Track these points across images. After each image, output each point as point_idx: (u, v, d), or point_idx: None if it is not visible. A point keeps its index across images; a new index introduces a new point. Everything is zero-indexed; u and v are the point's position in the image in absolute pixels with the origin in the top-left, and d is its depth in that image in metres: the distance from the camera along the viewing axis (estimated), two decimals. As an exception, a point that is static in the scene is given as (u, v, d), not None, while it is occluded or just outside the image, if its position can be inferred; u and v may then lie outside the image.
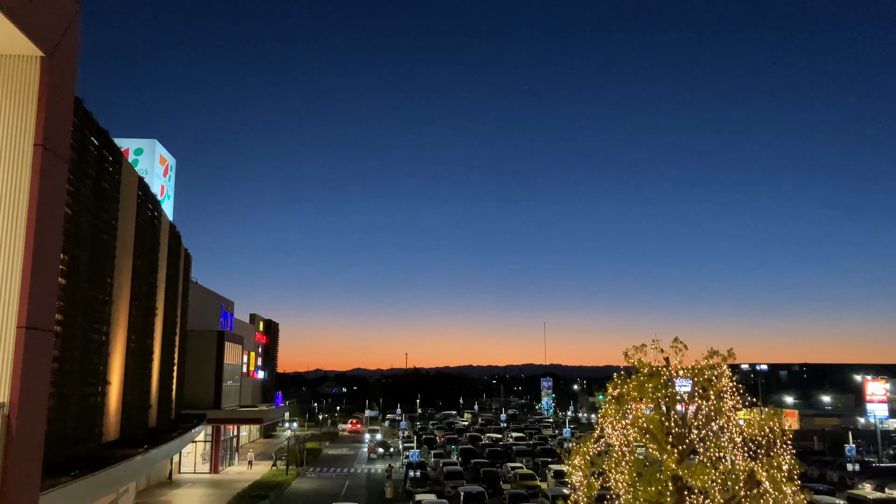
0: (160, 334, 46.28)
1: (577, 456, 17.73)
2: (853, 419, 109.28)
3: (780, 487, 15.52)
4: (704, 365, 17.46)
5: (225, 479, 58.24)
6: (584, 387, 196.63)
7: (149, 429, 41.86)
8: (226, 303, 77.13)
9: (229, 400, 68.60)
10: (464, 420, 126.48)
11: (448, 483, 51.59)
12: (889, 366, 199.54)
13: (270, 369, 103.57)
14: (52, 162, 7.51)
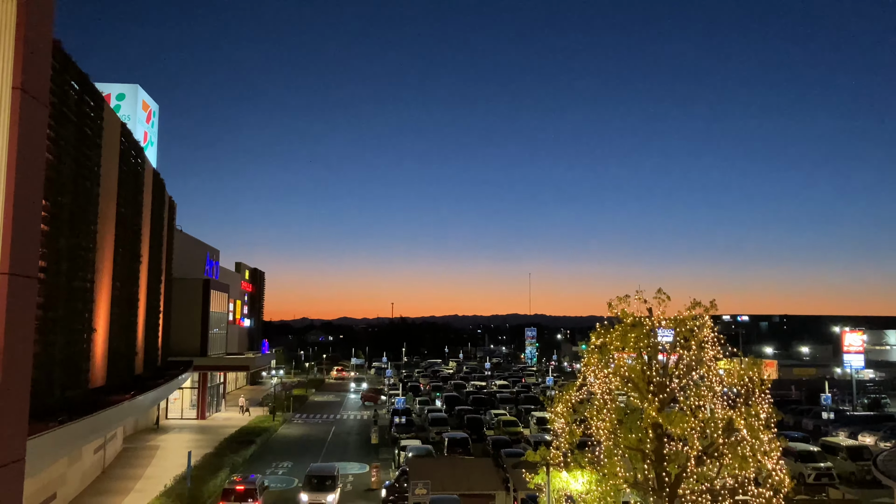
0: (145, 282, 46.18)
1: (559, 403, 18.03)
2: (830, 369, 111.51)
3: (757, 435, 15.88)
4: (687, 315, 17.68)
5: (212, 424, 58.89)
6: (568, 336, 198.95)
7: (135, 375, 42.10)
8: (211, 251, 76.86)
9: (215, 347, 68.91)
10: (449, 368, 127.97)
11: (433, 429, 52.44)
12: (867, 318, 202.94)
13: (256, 318, 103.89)
14: (32, 106, 7.34)
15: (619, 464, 16.62)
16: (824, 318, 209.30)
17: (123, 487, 36.94)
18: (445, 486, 27.39)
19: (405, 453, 40.76)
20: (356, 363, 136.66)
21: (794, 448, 40.10)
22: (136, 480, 38.56)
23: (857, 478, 39.79)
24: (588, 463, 17.20)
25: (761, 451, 15.83)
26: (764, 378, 16.99)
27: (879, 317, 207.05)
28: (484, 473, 29.01)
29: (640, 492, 17.27)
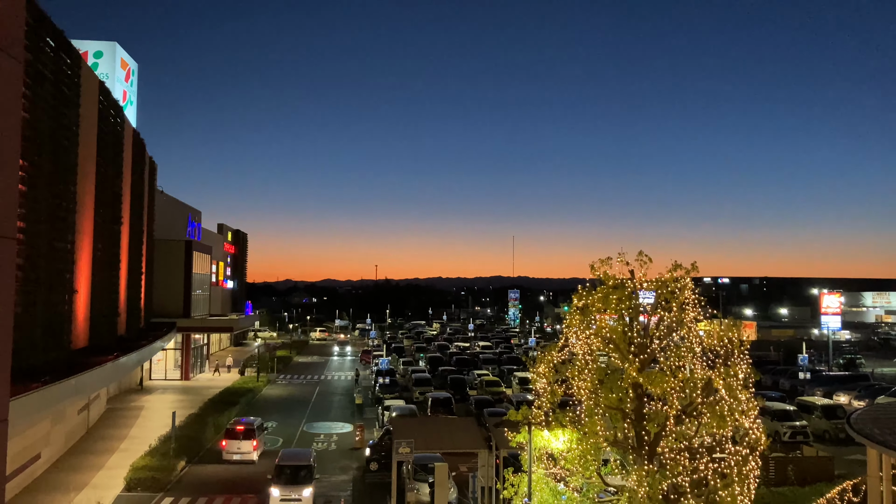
0: (127, 243, 45.84)
1: (541, 364, 18.21)
2: (808, 331, 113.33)
3: (735, 395, 16.15)
4: (668, 278, 17.81)
5: (196, 385, 59.09)
6: (551, 298, 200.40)
7: (118, 336, 42.02)
8: (193, 212, 76.27)
9: (198, 309, 68.79)
10: (432, 330, 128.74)
11: (416, 389, 52.94)
12: (845, 280, 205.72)
13: (239, 279, 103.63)
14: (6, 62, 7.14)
15: (600, 423, 16.88)
16: (803, 280, 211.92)
17: (108, 447, 37.12)
18: (429, 445, 27.75)
19: (389, 413, 41.19)
20: (340, 325, 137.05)
21: (771, 407, 40.91)
22: (120, 440, 38.74)
23: (831, 436, 40.73)
24: (569, 422, 17.46)
25: (739, 410, 16.12)
26: (743, 339, 17.23)
27: (857, 279, 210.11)
28: (467, 432, 29.39)
29: (620, 450, 17.59)
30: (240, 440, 34.56)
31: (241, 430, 34.82)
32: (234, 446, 34.58)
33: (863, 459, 26.74)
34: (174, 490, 30.04)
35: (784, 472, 30.56)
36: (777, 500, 26.32)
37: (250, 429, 34.92)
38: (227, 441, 34.92)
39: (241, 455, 34.48)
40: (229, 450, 34.69)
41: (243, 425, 35.15)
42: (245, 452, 34.47)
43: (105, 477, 31.65)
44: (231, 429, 35.15)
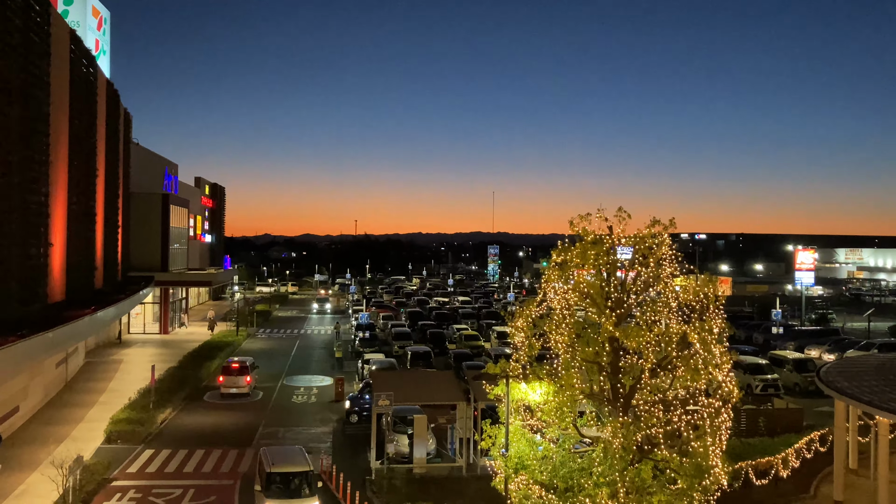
0: (102, 196, 45.25)
1: (519, 318, 18.36)
2: (782, 286, 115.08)
3: (710, 348, 16.43)
4: (646, 234, 17.91)
5: (175, 339, 59.06)
6: (530, 254, 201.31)
7: (95, 290, 41.76)
8: (169, 165, 75.21)
9: (176, 263, 68.33)
10: (412, 285, 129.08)
11: (396, 343, 53.29)
12: (819, 236, 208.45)
13: (218, 233, 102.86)
14: (-28, 9, 6.77)
15: (576, 376, 17.13)
16: (778, 236, 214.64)
17: (87, 400, 37.15)
18: (408, 398, 28.07)
19: (368, 366, 41.50)
20: (319, 279, 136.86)
21: (744, 361, 41.71)
22: (99, 394, 38.77)
23: (801, 388, 41.71)
24: (546, 375, 17.70)
25: (713, 363, 16.42)
26: (718, 295, 17.46)
27: (831, 235, 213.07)
28: (445, 385, 29.75)
29: (596, 402, 17.90)
30: (235, 376, 39.14)
31: (236, 368, 39.53)
32: (230, 381, 39.04)
33: (831, 411, 27.46)
34: (154, 442, 30.22)
35: (755, 423, 31.32)
36: (747, 451, 27.01)
37: (244, 366, 39.81)
38: (224, 377, 39.27)
39: (237, 389, 38.99)
40: (226, 385, 39.02)
41: (238, 363, 40.03)
42: (240, 386, 39.05)
43: (84, 429, 31.74)
44: (227, 366, 39.88)
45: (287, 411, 36.41)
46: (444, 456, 28.37)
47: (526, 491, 17.38)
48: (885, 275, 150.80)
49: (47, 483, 23.07)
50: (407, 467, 26.64)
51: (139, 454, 28.61)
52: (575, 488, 17.00)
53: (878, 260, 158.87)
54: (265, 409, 36.72)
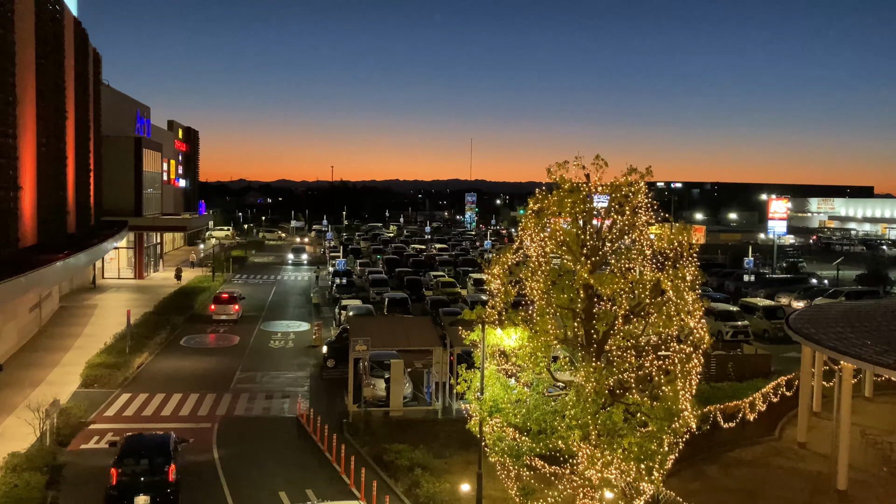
0: (73, 139, 44.36)
1: (496, 266, 18.45)
2: (755, 235, 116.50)
3: (682, 296, 16.65)
4: (622, 182, 17.93)
5: (150, 284, 58.74)
6: (507, 202, 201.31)
7: (68, 235, 41.25)
8: (141, 108, 73.65)
9: (150, 208, 67.52)
10: (389, 232, 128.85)
11: (373, 290, 53.46)
12: (792, 186, 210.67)
13: (192, 178, 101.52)
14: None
15: (551, 322, 17.33)
16: (753, 185, 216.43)
17: (62, 345, 37.04)
18: (385, 343, 28.33)
19: (346, 312, 41.68)
20: (296, 226, 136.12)
21: (715, 308, 42.45)
22: (75, 338, 38.65)
23: (770, 335, 42.66)
24: (521, 321, 17.90)
25: (685, 310, 16.66)
26: (692, 243, 17.63)
27: (805, 185, 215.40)
28: (422, 331, 30.04)
29: (570, 347, 18.18)
30: (225, 304, 44.77)
31: (226, 298, 45.42)
32: (220, 309, 44.55)
33: (798, 357, 28.18)
34: (131, 386, 30.32)
35: (724, 368, 32.08)
36: (716, 395, 27.72)
37: (233, 296, 45.84)
38: (215, 305, 44.87)
39: (226, 315, 44.38)
40: (217, 312, 44.37)
41: (227, 294, 46.24)
42: (229, 314, 44.46)
43: (60, 374, 31.73)
44: (218, 296, 45.91)
45: (264, 356, 36.61)
46: (421, 400, 28.81)
47: (500, 433, 17.75)
48: (856, 224, 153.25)
49: (24, 426, 23.14)
50: (384, 410, 27.05)
51: (116, 398, 28.72)
52: (548, 431, 17.38)
53: (850, 210, 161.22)
54: (242, 354, 36.88)
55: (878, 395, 30.40)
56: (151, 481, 19.12)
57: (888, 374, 20.25)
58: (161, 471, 19.37)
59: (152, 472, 19.31)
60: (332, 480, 21.41)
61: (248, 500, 19.94)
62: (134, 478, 19.11)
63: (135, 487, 18.88)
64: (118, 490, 18.85)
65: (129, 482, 19.00)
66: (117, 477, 18.98)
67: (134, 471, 19.24)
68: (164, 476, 19.29)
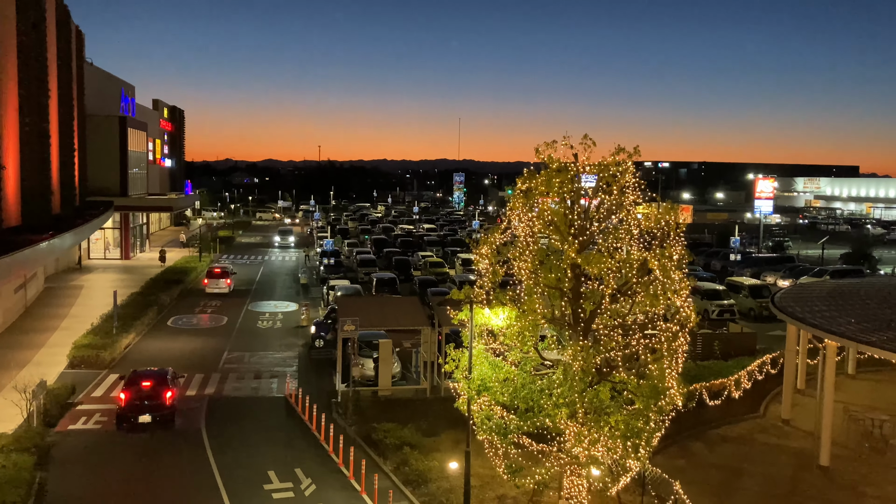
0: (56, 118, 43.87)
1: (484, 245, 18.46)
2: (741, 214, 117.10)
3: (669, 275, 16.74)
4: (610, 161, 17.93)
5: (137, 265, 58.43)
6: (495, 182, 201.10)
7: (53, 215, 40.91)
8: (126, 87, 72.83)
9: (136, 188, 67.01)
10: (377, 212, 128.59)
11: (361, 270, 53.44)
12: (779, 165, 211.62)
13: (178, 158, 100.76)
14: None
15: (539, 301, 17.39)
16: (740, 165, 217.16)
17: (48, 326, 36.85)
18: (373, 323, 28.36)
19: (334, 293, 41.64)
20: (283, 206, 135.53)
21: (702, 287, 42.74)
22: (61, 319, 38.45)
23: (756, 313, 43.01)
24: (509, 300, 17.95)
25: (671, 289, 16.75)
26: (679, 222, 17.68)
27: (792, 165, 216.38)
28: (410, 311, 30.07)
29: (557, 327, 18.26)
30: (217, 278, 46.86)
31: (218, 272, 47.55)
32: (213, 283, 46.64)
33: (783, 335, 28.44)
34: (119, 367, 30.23)
35: (710, 347, 32.34)
36: (702, 373, 27.98)
37: (225, 270, 48.08)
38: (208, 280, 47.02)
39: (218, 289, 46.43)
40: (210, 286, 46.53)
41: (219, 268, 48.44)
42: (221, 287, 46.58)
43: (47, 355, 31.59)
44: (210, 271, 48.18)
45: (252, 336, 36.59)
46: (409, 379, 28.92)
47: (488, 412, 17.86)
48: (841, 203, 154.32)
49: (11, 407, 23.08)
50: (372, 390, 27.14)
51: (103, 378, 28.65)
52: (535, 409, 17.51)
53: (835, 189, 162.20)
54: (230, 334, 36.84)
55: (860, 373, 30.79)
56: (153, 404, 23.25)
57: (871, 352, 20.50)
58: (161, 396, 23.44)
59: (154, 397, 23.35)
60: (321, 460, 21.52)
61: (238, 479, 20.00)
62: (139, 401, 23.21)
63: (140, 408, 23.13)
64: (126, 411, 23.12)
65: (135, 404, 23.15)
66: (126, 401, 23.16)
67: (139, 395, 23.29)
68: (163, 400, 23.41)
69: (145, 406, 23.16)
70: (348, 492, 19.42)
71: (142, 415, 22.99)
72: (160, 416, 23.17)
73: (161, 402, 23.34)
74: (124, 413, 23.15)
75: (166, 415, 23.37)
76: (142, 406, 23.14)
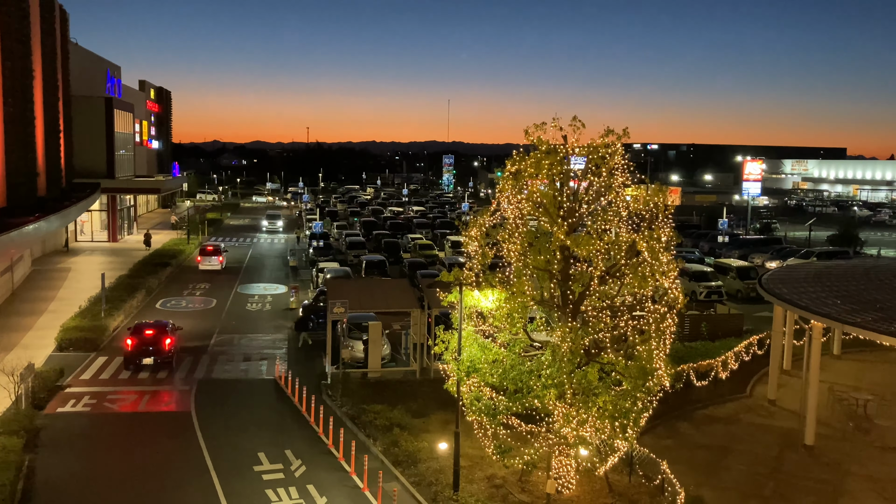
0: (41, 99, 43.38)
1: (473, 228, 18.45)
2: (730, 196, 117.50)
3: (657, 257, 16.82)
4: (599, 143, 17.92)
5: (124, 247, 58.09)
6: (485, 164, 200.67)
7: (38, 197, 40.57)
8: (112, 67, 72.04)
9: (123, 169, 66.49)
10: (366, 194, 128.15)
11: (350, 253, 53.35)
12: (767, 147, 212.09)
13: (165, 139, 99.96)
14: None
15: (527, 283, 17.45)
16: (728, 147, 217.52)
17: (36, 309, 36.65)
18: (363, 305, 28.37)
19: (323, 275, 41.58)
20: (272, 188, 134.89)
21: (690, 268, 42.97)
22: (48, 302, 38.24)
23: (743, 294, 43.31)
24: (498, 282, 18.00)
25: (660, 271, 16.84)
26: (668, 204, 17.74)
27: (780, 147, 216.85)
28: (400, 293, 30.09)
29: (546, 308, 18.34)
30: (210, 256, 48.70)
31: (211, 250, 49.25)
32: (206, 261, 48.57)
33: (770, 316, 28.68)
34: (107, 350, 30.15)
35: (698, 328, 32.57)
36: (690, 354, 28.19)
37: (217, 248, 49.86)
38: (201, 257, 48.88)
39: (211, 266, 48.40)
40: (203, 263, 48.47)
41: (212, 246, 50.06)
42: (214, 264, 48.58)
43: (35, 337, 31.44)
44: (203, 248, 49.84)
45: (241, 319, 36.52)
46: (399, 361, 28.99)
47: (477, 393, 17.96)
48: (828, 185, 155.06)
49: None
50: (362, 372, 27.21)
51: (92, 361, 28.57)
52: (524, 390, 17.63)
53: (822, 171, 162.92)
54: (219, 316, 36.76)
55: (845, 353, 31.12)
56: (155, 349, 27.46)
57: (856, 333, 20.71)
58: (161, 342, 27.64)
59: (155, 343, 27.53)
60: (311, 441, 21.59)
61: (228, 461, 20.05)
62: (143, 346, 27.39)
63: (144, 352, 27.36)
64: (133, 354, 27.33)
65: (140, 349, 27.35)
66: (132, 346, 27.33)
67: (143, 341, 27.46)
68: (163, 346, 27.62)
69: (149, 351, 27.36)
70: (338, 473, 19.51)
71: (146, 357, 27.32)
72: (161, 359, 27.50)
73: (161, 348, 27.55)
74: (131, 356, 27.27)
75: (166, 358, 27.60)
76: (146, 350, 27.32)
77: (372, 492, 18.24)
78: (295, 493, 18.28)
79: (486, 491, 18.27)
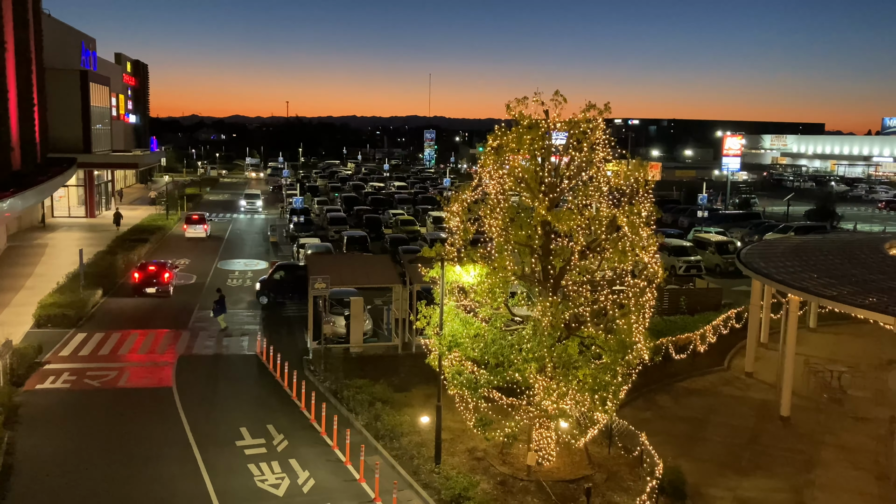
0: (13, 71, 42.59)
1: (455, 203, 18.45)
2: (710, 171, 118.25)
3: (637, 232, 16.92)
4: (581, 118, 17.94)
5: (102, 222, 57.47)
6: (466, 139, 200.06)
7: (13, 172, 39.96)
8: (86, 39, 70.67)
9: (100, 144, 65.51)
10: (347, 170, 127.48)
11: (331, 228, 53.17)
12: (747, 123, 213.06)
13: (142, 114, 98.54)
14: None
15: (509, 258, 17.51)
16: (709, 122, 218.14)
17: (12, 285, 36.25)
18: (344, 281, 28.35)
19: (304, 251, 41.43)
20: (251, 163, 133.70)
21: (669, 243, 43.29)
22: (25, 278, 37.82)
23: (721, 269, 43.76)
24: (480, 258, 18.05)
25: (640, 246, 16.95)
26: (648, 179, 17.83)
27: (759, 122, 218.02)
28: (382, 268, 30.08)
29: (527, 283, 18.43)
30: (196, 224, 51.62)
31: (196, 219, 52.06)
32: (191, 229, 51.30)
33: (748, 290, 29.01)
34: (86, 326, 29.95)
35: (677, 302, 32.91)
36: (669, 328, 28.50)
37: (202, 217, 53.17)
38: (186, 226, 51.62)
39: (196, 234, 51.22)
40: (189, 232, 51.26)
41: (197, 215, 53.14)
42: (199, 232, 51.29)
43: (12, 314, 31.13)
44: (189, 217, 53.11)
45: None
46: (381, 336, 29.07)
47: (459, 367, 18.07)
48: (807, 161, 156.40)
49: (-23, 368, 22.77)
50: (344, 347, 27.26)
51: (71, 338, 28.38)
52: (505, 364, 17.75)
53: (801, 146, 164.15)
54: (199, 292, 36.57)
55: (821, 326, 31.61)
56: (156, 281, 34.81)
57: (832, 306, 21.02)
58: (161, 276, 35.04)
59: (157, 276, 34.88)
60: (293, 416, 21.66)
61: (210, 436, 20.08)
62: (146, 278, 34.69)
63: (147, 283, 34.65)
64: (138, 284, 34.54)
65: (144, 280, 34.59)
66: (139, 279, 34.59)
67: (147, 275, 34.82)
68: (162, 279, 34.98)
69: (152, 282, 34.59)
70: (320, 447, 19.62)
71: (149, 287, 34.51)
72: (161, 289, 34.65)
73: (161, 280, 34.84)
74: (137, 286, 34.49)
75: (164, 289, 34.82)
76: (149, 282, 34.56)
77: (354, 465, 18.37)
78: (277, 467, 18.37)
79: (468, 463, 18.46)
